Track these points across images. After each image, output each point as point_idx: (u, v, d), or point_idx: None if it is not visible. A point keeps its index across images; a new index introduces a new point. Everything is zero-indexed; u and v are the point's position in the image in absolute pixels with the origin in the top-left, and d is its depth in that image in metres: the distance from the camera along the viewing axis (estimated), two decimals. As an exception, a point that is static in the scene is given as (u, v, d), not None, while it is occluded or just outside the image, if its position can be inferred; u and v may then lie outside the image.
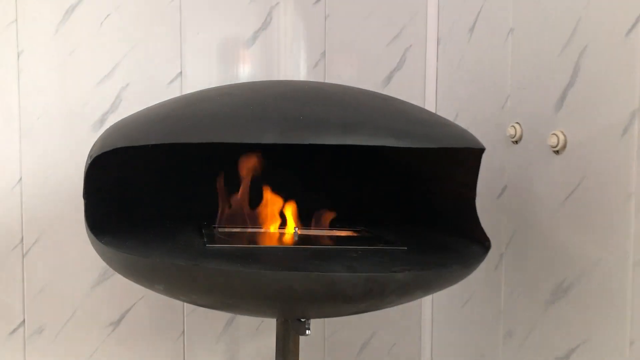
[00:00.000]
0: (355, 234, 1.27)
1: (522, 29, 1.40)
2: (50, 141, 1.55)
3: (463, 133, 1.01)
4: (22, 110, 1.54)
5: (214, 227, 1.21)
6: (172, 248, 0.97)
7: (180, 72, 1.63)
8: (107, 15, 1.57)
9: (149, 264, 0.88)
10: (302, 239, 1.11)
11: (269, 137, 0.82)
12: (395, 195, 1.48)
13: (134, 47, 1.60)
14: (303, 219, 1.29)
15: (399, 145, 0.86)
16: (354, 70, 1.75)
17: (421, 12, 1.76)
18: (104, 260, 0.98)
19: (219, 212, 1.23)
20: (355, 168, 1.52)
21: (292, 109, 0.89)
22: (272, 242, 1.06)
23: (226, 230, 1.22)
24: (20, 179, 1.54)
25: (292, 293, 0.83)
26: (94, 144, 1.03)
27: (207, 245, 0.99)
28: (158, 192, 1.43)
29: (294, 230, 1.17)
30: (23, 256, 1.56)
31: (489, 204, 1.44)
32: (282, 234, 1.17)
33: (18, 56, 1.53)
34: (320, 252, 1.00)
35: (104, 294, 1.60)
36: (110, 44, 1.58)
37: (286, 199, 1.24)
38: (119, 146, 0.94)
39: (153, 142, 0.89)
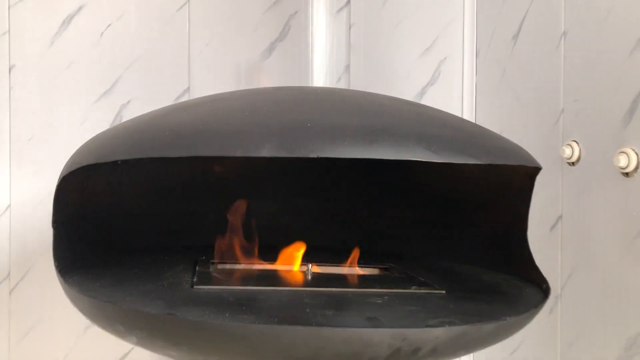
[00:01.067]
0: (380, 273, 1.06)
1: (578, 32, 1.19)
2: (42, 164, 1.39)
3: (515, 148, 0.81)
4: (13, 130, 1.38)
5: (212, 263, 1.02)
6: (152, 290, 0.78)
7: (188, 88, 1.47)
8: (108, 26, 1.43)
9: (114, 312, 0.69)
10: (315, 280, 0.91)
11: (266, 150, 0.62)
12: (428, 223, 1.27)
13: (136, 60, 1.44)
14: (320, 253, 1.10)
15: (435, 160, 0.66)
16: (382, 85, 1.56)
17: (457, 21, 1.57)
18: (71, 302, 0.80)
19: (220, 244, 1.04)
20: (379, 190, 1.32)
21: (296, 115, 0.70)
22: (277, 283, 0.86)
23: (226, 266, 1.03)
24: (9, 205, 1.39)
25: (294, 354, 0.62)
26: (65, 164, 0.85)
27: (194, 286, 0.80)
28: (154, 220, 1.25)
29: (306, 268, 0.96)
30: (9, 293, 1.39)
31: (540, 237, 1.21)
32: (292, 273, 0.97)
33: (9, 71, 1.38)
34: (336, 297, 0.79)
35: (98, 337, 1.41)
36: (111, 56, 1.43)
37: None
38: (84, 164, 0.76)
39: (119, 158, 0.71)
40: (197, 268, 0.94)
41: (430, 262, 1.18)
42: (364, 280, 0.93)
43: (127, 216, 1.18)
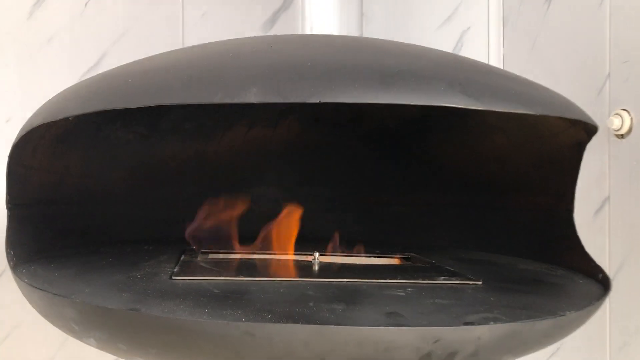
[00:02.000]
0: (401, 262, 0.90)
1: (627, -17, 1.03)
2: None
3: (568, 102, 0.65)
4: (-13, 112, 1.24)
5: (203, 252, 0.87)
6: (121, 281, 0.63)
7: (182, 64, 1.31)
8: (93, -5, 1.28)
9: (65, 307, 0.54)
10: (322, 270, 0.76)
11: (253, 94, 0.47)
12: (453, 208, 1.11)
13: (124, 33, 1.30)
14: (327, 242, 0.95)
15: (474, 107, 0.51)
16: (398, 58, 1.39)
17: (481, -14, 1.41)
18: (24, 297, 0.65)
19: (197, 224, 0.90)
20: (396, 173, 1.17)
21: (294, 55, 0.55)
22: (274, 274, 0.71)
23: (220, 255, 0.88)
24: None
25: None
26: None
27: (173, 277, 0.65)
28: (142, 206, 1.10)
29: (313, 258, 0.81)
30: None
31: (582, 223, 1.04)
32: (296, 263, 0.82)
33: (-17, 46, 1.24)
34: (347, 288, 0.64)
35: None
36: (97, 29, 1.28)
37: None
38: (34, 125, 0.62)
39: (71, 114, 0.56)
40: (182, 257, 0.79)
41: (457, 251, 1.03)
42: (381, 270, 0.78)
43: (110, 201, 1.04)
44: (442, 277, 0.72)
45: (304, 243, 0.96)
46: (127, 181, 1.07)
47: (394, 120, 1.11)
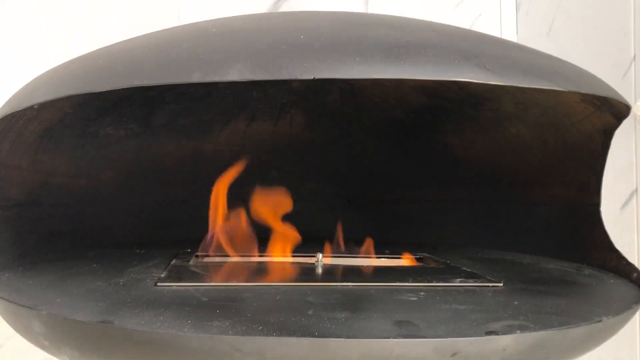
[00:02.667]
0: (413, 263, 0.83)
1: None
2: None
3: (597, 79, 0.58)
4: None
5: (197, 256, 0.81)
6: (100, 289, 0.57)
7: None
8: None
9: (31, 319, 0.48)
10: (325, 273, 0.69)
11: (236, 71, 0.41)
12: (467, 205, 1.04)
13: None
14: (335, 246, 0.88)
15: (493, 82, 0.43)
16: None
17: (492, -31, 1.35)
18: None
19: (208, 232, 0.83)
20: (405, 168, 1.10)
21: (286, 31, 0.48)
22: (272, 278, 0.64)
23: (215, 259, 0.81)
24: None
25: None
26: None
27: (158, 283, 0.58)
28: (136, 208, 1.04)
29: (315, 260, 0.74)
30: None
31: (609, 217, 0.97)
32: (297, 266, 0.75)
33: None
34: (352, 294, 0.57)
35: None
36: None
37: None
38: (4, 114, 0.55)
39: (37, 102, 0.50)
40: (172, 261, 0.73)
41: (472, 251, 0.95)
42: (391, 273, 0.70)
43: (100, 202, 0.97)
44: (459, 279, 0.65)
45: (307, 244, 0.89)
46: (119, 181, 1.00)
47: (402, 111, 1.04)
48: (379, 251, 0.88)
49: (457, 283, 0.63)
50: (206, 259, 0.81)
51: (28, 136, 0.78)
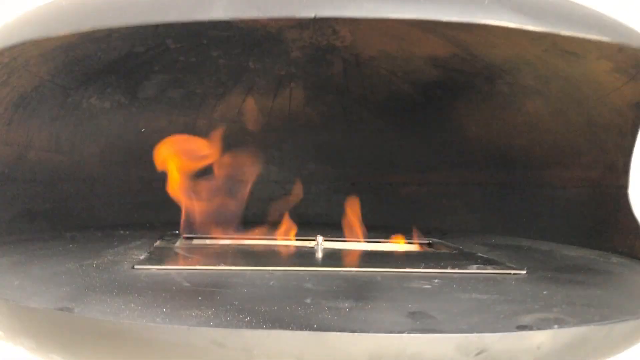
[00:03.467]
0: (422, 249, 0.76)
1: None
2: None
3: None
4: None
5: (185, 237, 0.74)
6: (69, 272, 0.50)
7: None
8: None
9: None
10: (326, 257, 0.61)
11: (220, 8, 0.33)
12: (480, 187, 0.97)
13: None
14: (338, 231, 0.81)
15: (532, 28, 0.36)
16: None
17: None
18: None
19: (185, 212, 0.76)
20: (414, 148, 1.02)
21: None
22: (264, 262, 0.56)
23: (206, 242, 0.74)
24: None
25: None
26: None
27: (135, 266, 0.51)
28: (122, 187, 0.97)
29: (316, 243, 0.67)
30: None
31: (636, 201, 0.89)
32: (295, 249, 0.67)
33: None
34: (357, 280, 0.50)
35: None
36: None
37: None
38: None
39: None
40: (156, 242, 0.65)
41: (486, 237, 0.88)
42: (399, 258, 0.63)
43: (83, 180, 0.90)
44: (476, 266, 0.57)
45: (308, 228, 0.82)
46: (104, 157, 0.93)
47: (411, 85, 0.96)
48: (385, 236, 0.80)
49: (474, 270, 0.56)
50: (195, 242, 0.74)
51: (1, 105, 0.71)
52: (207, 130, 1.03)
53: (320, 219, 1.10)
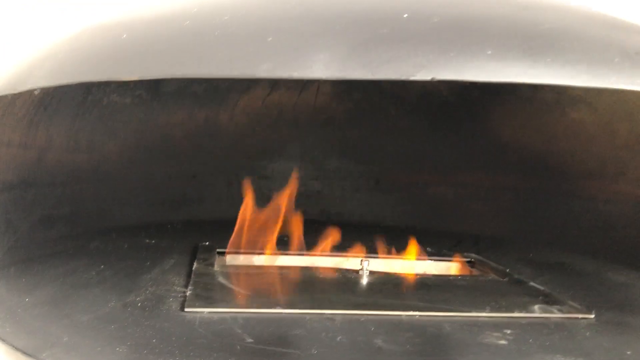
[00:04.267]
0: (464, 270, 0.73)
1: None
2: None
3: None
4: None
5: (219, 252, 0.70)
6: (113, 317, 0.46)
7: None
8: None
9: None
10: (376, 288, 0.58)
11: (319, 68, 0.28)
12: (513, 193, 0.94)
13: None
14: (364, 234, 0.77)
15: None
16: None
17: None
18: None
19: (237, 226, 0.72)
20: (442, 147, 0.98)
21: (379, 5, 0.35)
22: (322, 302, 0.53)
23: (240, 258, 0.70)
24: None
25: None
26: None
27: (185, 309, 0.47)
28: (141, 186, 0.92)
29: (361, 265, 0.63)
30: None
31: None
32: (341, 275, 0.64)
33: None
34: (427, 331, 0.46)
35: None
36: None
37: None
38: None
39: (35, 87, 0.37)
40: (194, 266, 0.61)
41: (520, 249, 0.85)
42: (454, 290, 0.60)
43: (103, 180, 0.85)
44: (538, 305, 0.54)
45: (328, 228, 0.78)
46: (125, 155, 0.88)
47: (447, 86, 0.92)
48: (405, 240, 0.77)
49: (542, 314, 0.53)
50: (229, 259, 0.70)
51: (20, 106, 0.65)
52: (228, 123, 0.98)
53: (342, 217, 1.06)
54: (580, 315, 0.53)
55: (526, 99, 0.86)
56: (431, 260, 0.74)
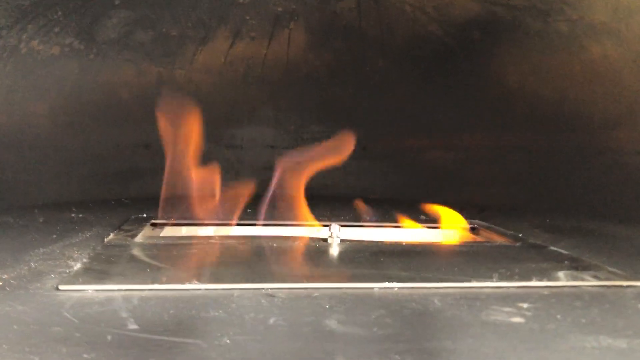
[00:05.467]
0: (466, 237, 0.58)
1: None
2: None
3: None
4: None
5: (153, 224, 0.55)
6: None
7: None
8: None
9: None
10: (349, 258, 0.44)
11: None
12: (522, 151, 0.79)
13: None
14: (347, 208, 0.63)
15: None
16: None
17: None
18: None
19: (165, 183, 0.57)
20: (439, 98, 0.84)
21: None
22: (264, 274, 0.38)
23: (182, 230, 0.56)
24: None
25: None
26: None
27: (59, 286, 0.33)
28: (79, 154, 0.78)
29: (329, 232, 0.49)
30: None
31: None
32: (303, 243, 0.49)
33: None
34: (408, 308, 0.32)
35: None
36: None
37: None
38: None
39: None
40: (109, 237, 0.47)
41: (536, 215, 0.70)
42: (452, 259, 0.45)
43: (28, 146, 0.71)
44: (564, 272, 0.40)
45: (313, 205, 0.64)
46: (58, 119, 0.74)
47: (442, 26, 0.77)
48: (411, 216, 0.62)
49: (568, 281, 0.38)
50: (168, 230, 0.55)
51: None
52: (185, 82, 0.84)
53: (326, 192, 0.91)
54: (625, 283, 0.38)
55: (535, 34, 0.71)
56: (423, 227, 0.59)
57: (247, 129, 0.90)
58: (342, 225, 0.51)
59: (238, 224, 0.58)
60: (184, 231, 0.56)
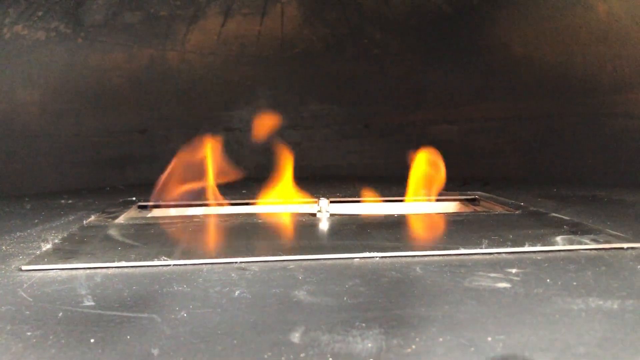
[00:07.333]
0: (468, 208, 0.56)
1: None
2: None
3: None
4: None
5: (140, 207, 0.54)
6: None
7: None
8: None
9: None
10: (335, 231, 0.42)
11: None
12: (525, 121, 0.76)
13: None
14: (344, 186, 0.61)
15: None
16: None
17: None
18: None
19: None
20: (437, 69, 0.81)
21: None
22: (238, 248, 0.36)
23: (170, 211, 0.54)
24: None
25: None
26: None
27: (22, 267, 0.31)
28: (73, 141, 0.77)
29: (318, 206, 0.47)
30: None
31: None
32: (292, 219, 0.48)
33: None
34: (387, 277, 0.30)
35: None
36: None
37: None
38: None
39: None
40: (89, 219, 0.46)
41: (544, 186, 0.67)
42: (442, 227, 0.43)
43: (20, 137, 0.70)
44: (561, 237, 0.37)
45: (312, 185, 0.62)
46: (48, 107, 0.73)
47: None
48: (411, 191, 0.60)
49: (564, 245, 0.35)
50: (155, 212, 0.54)
51: None
52: (178, 63, 0.82)
53: (326, 171, 0.89)
54: (626, 245, 0.36)
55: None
56: (420, 200, 0.57)
57: (244, 110, 0.88)
58: (335, 201, 0.49)
59: (231, 204, 0.56)
60: (172, 212, 0.54)
